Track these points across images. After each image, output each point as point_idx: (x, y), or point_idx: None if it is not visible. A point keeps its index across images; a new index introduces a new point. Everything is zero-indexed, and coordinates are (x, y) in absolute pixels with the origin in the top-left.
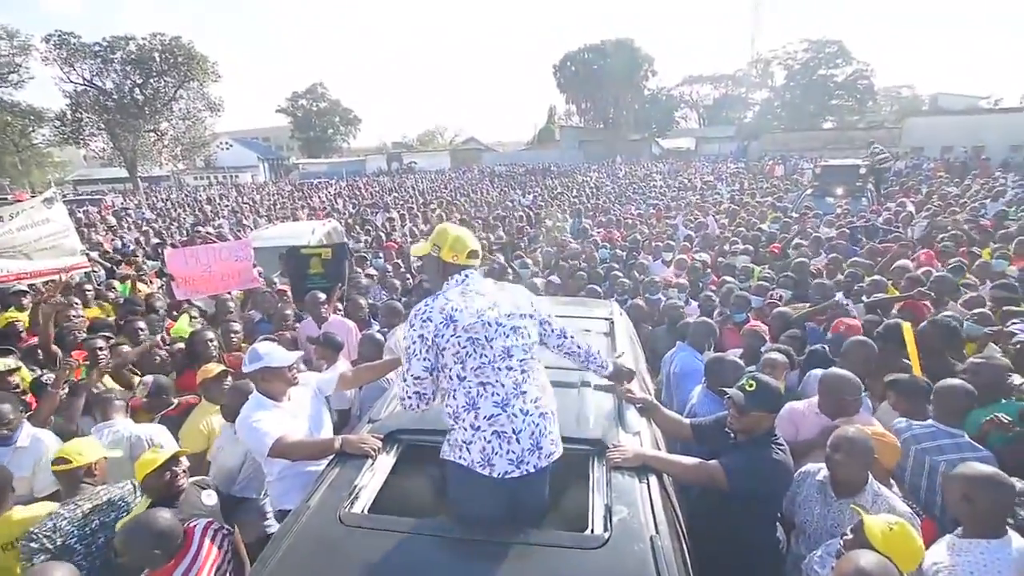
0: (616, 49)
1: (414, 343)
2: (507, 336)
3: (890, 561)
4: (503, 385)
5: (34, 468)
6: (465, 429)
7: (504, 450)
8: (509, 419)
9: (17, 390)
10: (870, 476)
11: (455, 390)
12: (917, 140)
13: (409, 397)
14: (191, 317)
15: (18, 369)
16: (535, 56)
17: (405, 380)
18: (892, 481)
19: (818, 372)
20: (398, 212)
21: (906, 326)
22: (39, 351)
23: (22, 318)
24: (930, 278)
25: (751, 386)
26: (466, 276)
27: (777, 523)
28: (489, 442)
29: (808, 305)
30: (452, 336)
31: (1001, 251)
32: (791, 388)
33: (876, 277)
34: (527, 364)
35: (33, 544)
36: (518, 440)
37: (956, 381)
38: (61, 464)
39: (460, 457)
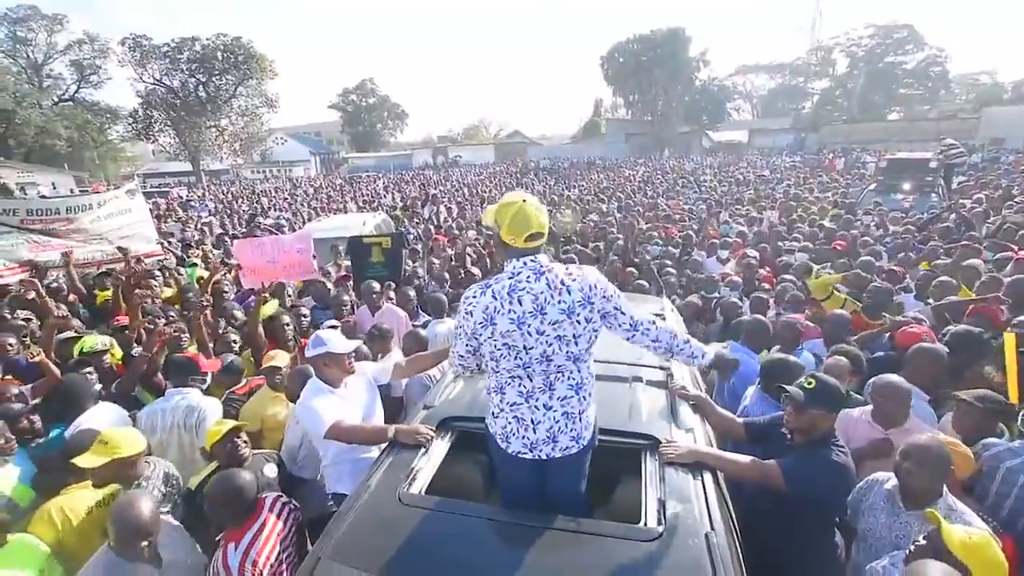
0: (667, 39)
1: (459, 328)
2: (549, 344)
3: (967, 573)
4: (531, 380)
5: None
6: (495, 406)
7: (520, 434)
8: (530, 410)
9: (106, 367)
10: (945, 488)
11: (490, 375)
12: (997, 130)
13: (456, 365)
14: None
15: (110, 349)
16: (582, 48)
17: (453, 351)
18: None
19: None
20: (445, 205)
21: (1008, 338)
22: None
23: (99, 296)
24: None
25: (810, 384)
26: (522, 266)
27: (835, 528)
28: (509, 423)
29: (881, 322)
30: (489, 338)
31: None
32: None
33: (945, 278)
34: (566, 367)
35: None
36: (534, 430)
37: None
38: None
39: (489, 425)
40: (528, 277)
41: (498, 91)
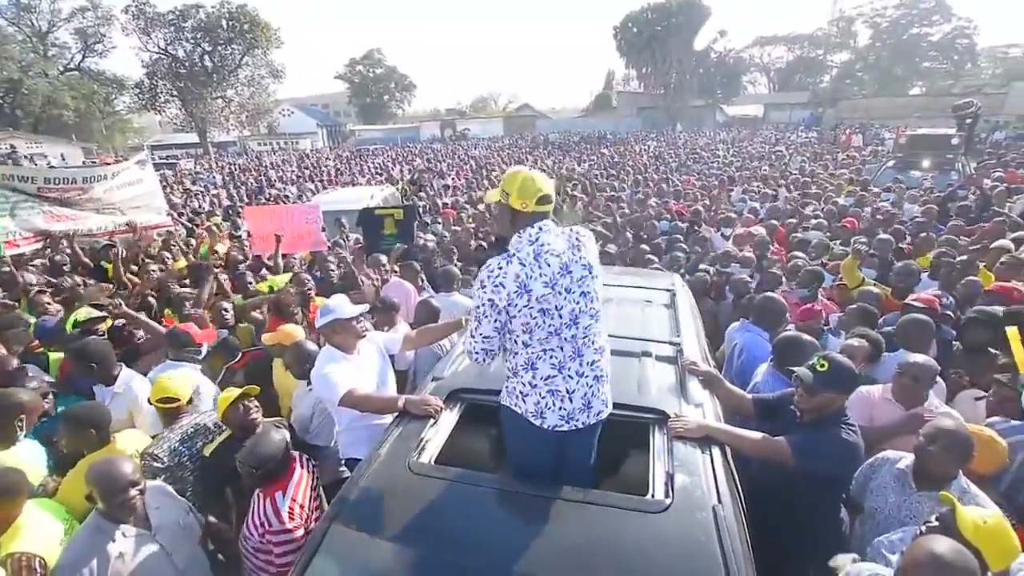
0: (682, 8)
1: (484, 305)
2: (576, 302)
3: (978, 556)
4: (563, 350)
5: (129, 412)
6: (523, 384)
7: (556, 406)
8: (564, 380)
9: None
10: (960, 472)
11: (517, 352)
12: None
13: (476, 352)
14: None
15: (104, 319)
16: (594, 18)
17: (473, 336)
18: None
19: (892, 355)
20: (452, 179)
21: (1012, 332)
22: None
23: (109, 269)
24: None
25: (823, 366)
26: (540, 231)
27: (841, 504)
28: (543, 398)
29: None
30: (524, 307)
31: None
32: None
33: (965, 258)
34: (590, 328)
35: (156, 464)
36: (571, 399)
37: None
38: (172, 403)
39: (516, 405)
40: (548, 240)
41: (508, 63)
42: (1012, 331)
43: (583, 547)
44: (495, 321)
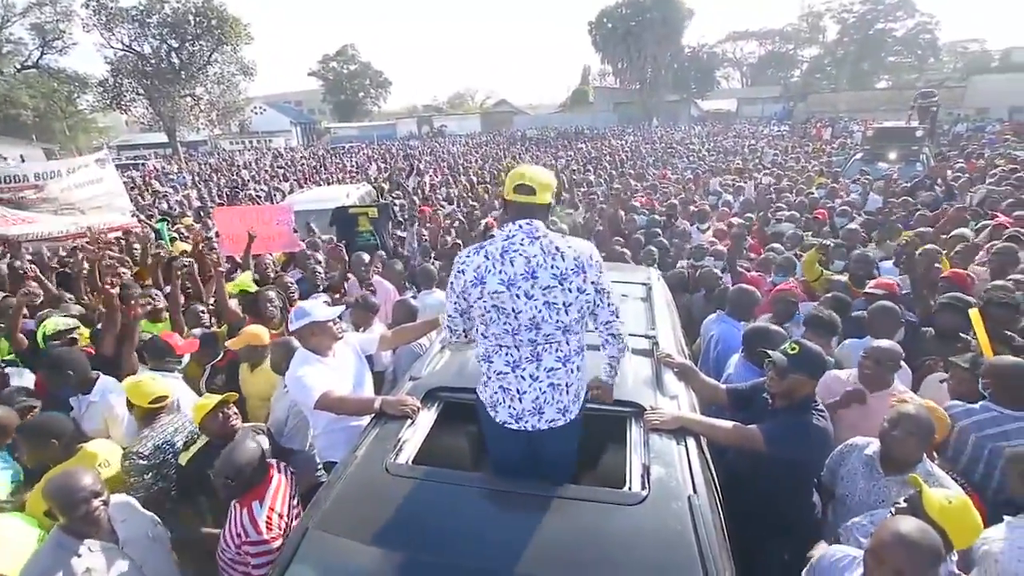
0: (656, 3)
1: (450, 285)
2: (538, 310)
3: (944, 535)
4: (518, 349)
5: (105, 421)
6: (484, 375)
7: (507, 404)
8: (516, 380)
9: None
10: (924, 455)
11: (479, 344)
12: (982, 100)
13: (446, 327)
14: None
15: (77, 328)
16: (570, 13)
17: (448, 315)
18: (935, 456)
19: (851, 342)
20: (430, 177)
21: (974, 314)
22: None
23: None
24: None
25: (794, 349)
26: (517, 229)
27: (814, 490)
28: (496, 393)
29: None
30: (478, 298)
31: None
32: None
33: (930, 246)
34: (554, 336)
35: (141, 461)
36: (520, 400)
37: (1018, 360)
38: (163, 402)
39: (481, 393)
40: (522, 240)
41: (484, 58)
42: (974, 314)
43: (561, 542)
44: (455, 303)
